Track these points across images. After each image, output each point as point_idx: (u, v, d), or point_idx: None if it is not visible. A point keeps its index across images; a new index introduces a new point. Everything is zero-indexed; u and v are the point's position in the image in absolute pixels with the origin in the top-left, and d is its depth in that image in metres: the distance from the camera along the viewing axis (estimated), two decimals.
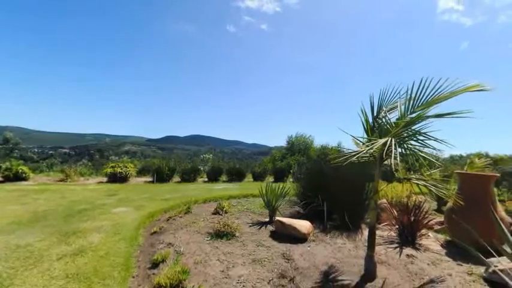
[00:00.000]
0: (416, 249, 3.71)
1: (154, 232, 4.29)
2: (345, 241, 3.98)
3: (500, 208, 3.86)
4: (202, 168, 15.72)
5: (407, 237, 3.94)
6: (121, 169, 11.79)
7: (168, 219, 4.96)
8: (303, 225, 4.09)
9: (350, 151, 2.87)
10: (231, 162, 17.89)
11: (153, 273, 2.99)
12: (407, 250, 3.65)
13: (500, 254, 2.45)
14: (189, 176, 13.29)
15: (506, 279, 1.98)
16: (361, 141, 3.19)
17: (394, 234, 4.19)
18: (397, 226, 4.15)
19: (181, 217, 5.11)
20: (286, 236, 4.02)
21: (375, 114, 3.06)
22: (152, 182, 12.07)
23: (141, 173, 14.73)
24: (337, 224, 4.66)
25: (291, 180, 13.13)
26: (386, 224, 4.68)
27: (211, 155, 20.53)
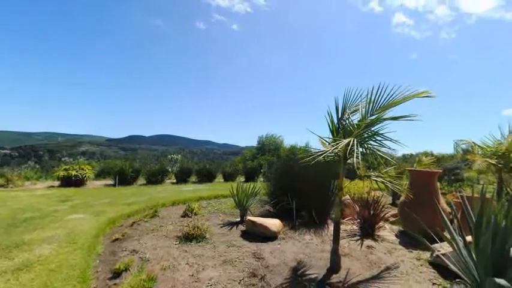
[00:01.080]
0: (375, 240, 4.05)
1: (116, 239, 3.98)
2: (313, 237, 4.17)
3: (442, 200, 4.42)
4: (170, 169, 15.06)
5: (368, 229, 4.28)
6: (76, 171, 10.69)
7: (132, 225, 4.64)
8: (273, 224, 4.18)
9: (317, 151, 3.01)
10: (201, 162, 17.45)
11: (115, 284, 2.76)
12: (368, 242, 3.96)
13: (442, 240, 2.81)
14: (155, 178, 12.61)
15: (447, 261, 2.27)
16: (327, 141, 3.37)
17: (356, 228, 4.51)
18: (358, 220, 4.48)
19: (147, 221, 4.82)
20: (257, 235, 4.06)
21: (340, 115, 3.25)
22: (113, 185, 11.17)
23: (100, 175, 13.52)
24: (305, 220, 4.85)
25: (262, 179, 13.32)
26: (349, 219, 5.02)
27: (180, 155, 19.76)
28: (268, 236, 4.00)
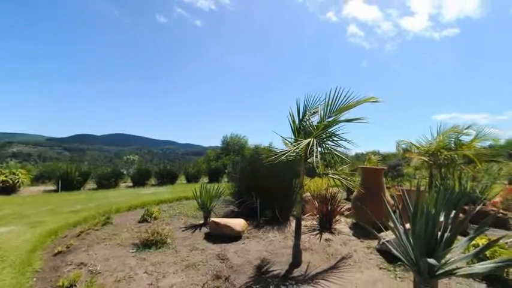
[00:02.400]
0: (332, 233, 4.37)
1: (59, 252, 3.50)
2: (276, 234, 4.29)
3: (387, 193, 4.99)
4: (125, 172, 13.85)
5: (326, 224, 4.59)
6: (6, 176, 9.09)
7: (79, 235, 4.13)
8: (238, 224, 4.18)
9: (280, 151, 3.11)
10: (162, 163, 16.49)
11: None
12: (326, 235, 4.24)
13: (388, 229, 3.18)
14: (108, 182, 11.46)
15: (391, 247, 2.58)
16: (289, 142, 3.51)
17: (316, 223, 4.80)
18: (318, 215, 4.77)
19: (97, 230, 4.35)
20: (221, 236, 4.01)
21: (301, 117, 3.41)
22: (56, 190, 9.81)
23: (39, 180, 11.73)
24: (269, 218, 4.98)
25: (226, 180, 13.20)
26: (309, 214, 5.31)
27: (137, 156, 18.31)
28: (232, 236, 3.99)
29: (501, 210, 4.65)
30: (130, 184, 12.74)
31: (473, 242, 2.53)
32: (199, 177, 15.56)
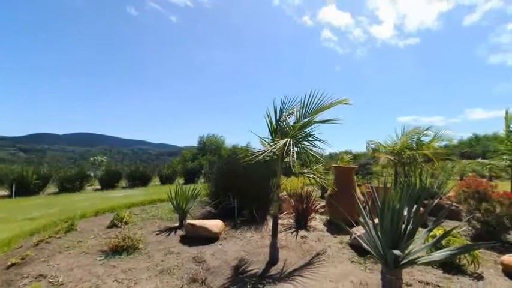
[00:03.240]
0: (308, 230, 4.51)
1: (13, 265, 3.14)
2: (253, 234, 4.31)
3: (358, 191, 5.28)
4: (92, 174, 12.91)
5: (301, 221, 4.72)
6: None
7: (37, 244, 3.75)
8: (215, 225, 4.12)
9: (257, 150, 3.13)
10: (133, 164, 15.63)
11: None
12: (302, 232, 4.37)
13: (358, 224, 3.36)
14: (72, 185, 10.59)
15: (361, 241, 2.73)
16: (266, 142, 3.55)
17: (292, 221, 4.92)
18: (294, 213, 4.89)
19: (59, 238, 3.99)
20: (197, 238, 3.92)
21: (278, 117, 3.47)
22: (9, 196, 8.80)
23: None
24: (246, 218, 4.98)
25: (203, 180, 12.94)
26: (286, 213, 5.42)
27: (105, 157, 17.12)
28: (209, 238, 3.92)
29: (454, 203, 5.19)
30: (98, 187, 11.90)
31: (432, 232, 2.79)
32: (174, 178, 15.06)
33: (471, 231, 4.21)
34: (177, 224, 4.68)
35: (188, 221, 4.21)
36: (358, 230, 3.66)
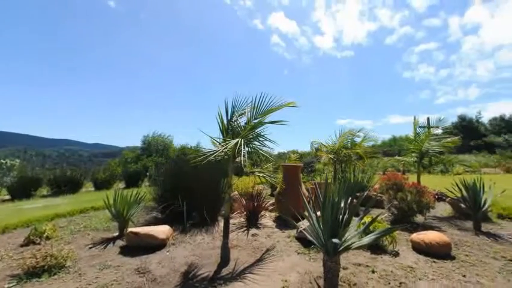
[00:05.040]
0: (258, 228, 4.64)
1: None
2: (204, 236, 4.20)
3: (303, 187, 5.71)
4: None
5: (253, 220, 4.83)
6: None
7: None
8: (161, 231, 3.85)
9: (208, 150, 3.06)
10: (59, 168, 13.24)
11: None
12: (253, 230, 4.47)
13: (304, 218, 3.63)
14: None
15: (306, 234, 2.97)
16: (218, 142, 3.50)
17: (243, 220, 4.98)
18: (245, 212, 4.97)
19: None
20: (142, 247, 3.59)
21: (229, 117, 3.47)
22: None
23: None
24: (197, 221, 4.81)
25: (148, 184, 11.90)
26: (237, 212, 5.46)
27: (17, 160, 13.95)
28: (155, 245, 3.64)
29: (379, 194, 6.14)
30: (7, 197, 9.67)
31: (362, 220, 3.23)
32: (112, 182, 13.40)
33: (390, 217, 5.05)
34: (116, 234, 4.19)
35: (130, 229, 3.81)
36: (304, 224, 3.96)
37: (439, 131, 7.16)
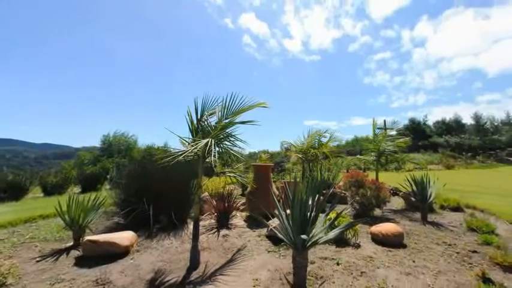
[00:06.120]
0: (229, 228, 4.61)
1: None
2: (172, 240, 4.02)
3: (274, 186, 5.83)
4: None
5: (223, 220, 4.78)
6: None
7: None
8: (124, 237, 3.59)
9: (177, 151, 2.95)
10: None
11: None
12: (223, 231, 4.42)
13: (274, 217, 3.71)
14: None
15: (276, 232, 3.04)
16: (187, 141, 3.39)
17: (214, 221, 4.90)
18: (215, 213, 4.89)
19: None
20: (102, 256, 3.30)
21: (199, 117, 3.38)
22: None
23: None
24: (164, 225, 4.59)
25: (109, 187, 11.01)
26: (208, 214, 5.35)
27: None
28: (118, 253, 3.38)
29: (343, 191, 6.56)
30: None
31: (328, 216, 3.42)
32: (66, 187, 12.10)
33: (353, 211, 5.44)
34: (70, 244, 3.78)
35: (88, 237, 3.48)
36: (274, 222, 4.04)
37: (394, 132, 7.94)
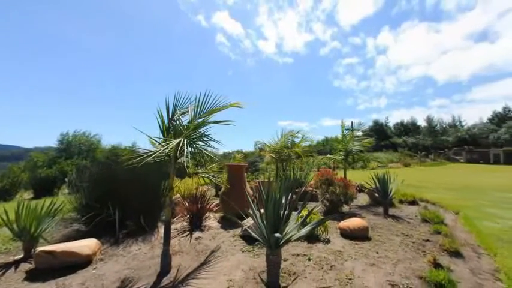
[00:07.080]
0: (202, 230, 4.51)
1: None
2: (141, 246, 3.81)
3: (248, 186, 5.85)
4: None
5: (196, 222, 4.65)
6: None
7: None
8: (86, 245, 3.30)
9: (146, 151, 2.80)
10: None
11: None
12: (196, 234, 4.31)
13: (248, 217, 3.72)
14: None
15: (250, 231, 3.05)
16: (157, 141, 3.23)
17: (186, 223, 4.75)
18: (188, 215, 4.74)
19: None
20: (59, 267, 2.99)
21: (171, 116, 3.25)
22: None
23: None
24: (132, 230, 4.32)
25: (67, 191, 10.02)
26: (180, 216, 5.16)
27: None
28: (78, 264, 3.09)
29: (314, 189, 6.83)
30: None
31: (300, 214, 3.53)
32: (14, 192, 10.75)
33: (323, 208, 5.70)
34: (20, 256, 3.37)
35: (41, 248, 3.13)
36: (249, 222, 4.06)
37: (360, 133, 8.51)
